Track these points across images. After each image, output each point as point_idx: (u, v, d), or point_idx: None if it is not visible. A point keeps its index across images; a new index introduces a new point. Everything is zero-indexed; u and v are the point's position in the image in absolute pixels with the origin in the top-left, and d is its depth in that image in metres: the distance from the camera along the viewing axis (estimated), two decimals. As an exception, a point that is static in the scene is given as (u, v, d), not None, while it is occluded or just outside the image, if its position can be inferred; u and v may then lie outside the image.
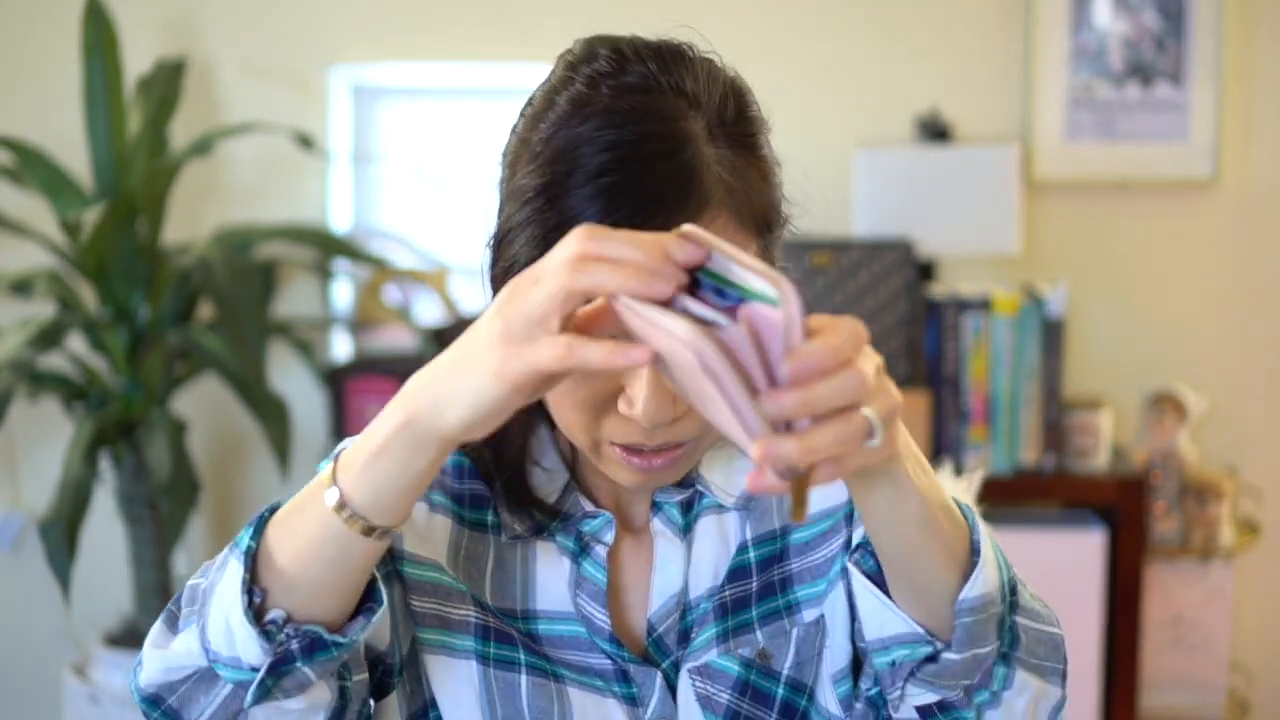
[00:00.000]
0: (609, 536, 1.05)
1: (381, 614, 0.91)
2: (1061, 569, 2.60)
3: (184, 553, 2.91)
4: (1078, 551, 2.63)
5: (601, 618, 1.04)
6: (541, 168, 0.95)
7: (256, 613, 0.87)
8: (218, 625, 0.87)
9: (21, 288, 2.69)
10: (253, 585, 0.87)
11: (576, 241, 0.77)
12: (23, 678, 3.02)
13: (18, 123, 2.83)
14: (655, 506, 1.07)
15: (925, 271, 2.77)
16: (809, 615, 1.06)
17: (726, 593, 1.06)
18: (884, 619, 0.94)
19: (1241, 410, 3.00)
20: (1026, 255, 2.93)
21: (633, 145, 0.93)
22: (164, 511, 2.61)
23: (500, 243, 0.98)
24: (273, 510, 0.90)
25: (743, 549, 1.08)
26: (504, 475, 1.06)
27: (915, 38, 2.98)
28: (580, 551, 1.05)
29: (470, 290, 2.95)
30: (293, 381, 2.92)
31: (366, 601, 0.91)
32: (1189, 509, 2.82)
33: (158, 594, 2.70)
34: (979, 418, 2.68)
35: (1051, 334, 2.68)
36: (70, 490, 2.42)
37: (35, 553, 2.80)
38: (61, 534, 2.38)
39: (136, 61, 2.81)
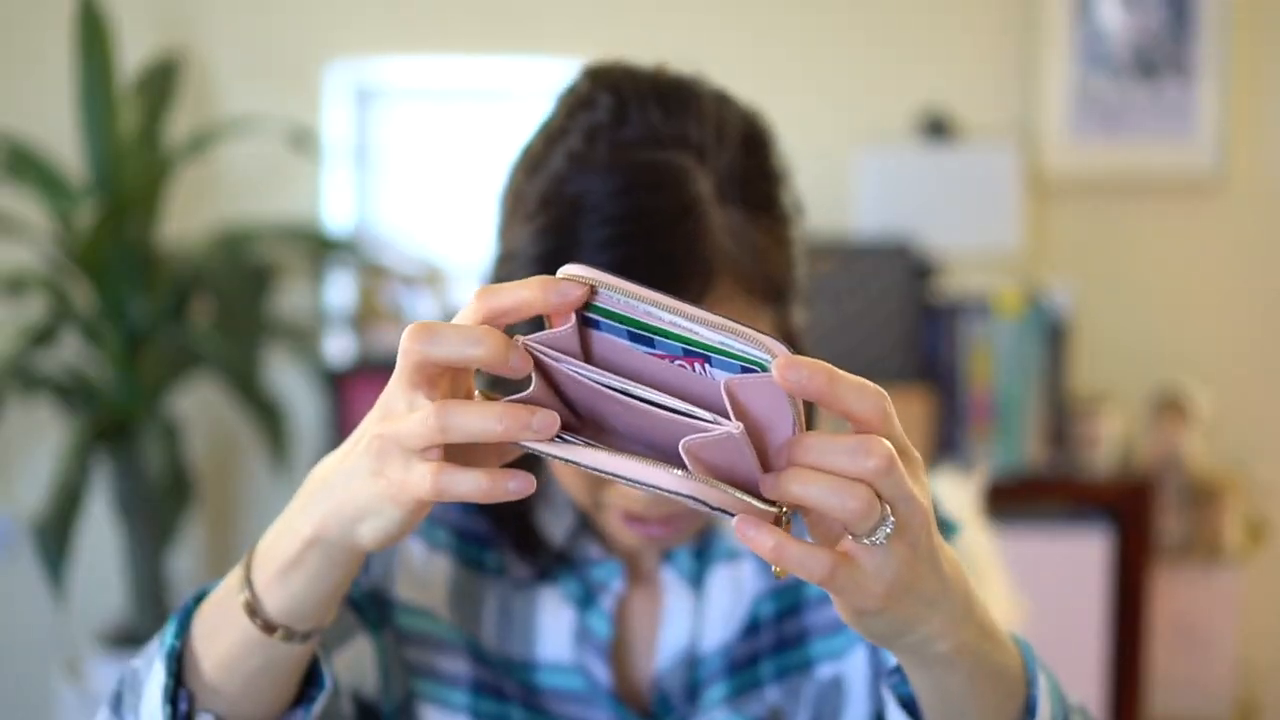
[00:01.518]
0: (617, 585, 1.01)
1: (324, 700, 0.85)
2: (1066, 571, 2.58)
3: (178, 554, 2.89)
4: (1083, 553, 2.61)
5: (602, 673, 0.99)
6: (537, 234, 0.90)
7: (186, 718, 0.81)
8: None
9: (14, 287, 2.67)
10: (178, 689, 0.81)
11: (401, 354, 0.70)
12: (15, 680, 3.00)
13: (11, 119, 2.81)
14: (666, 555, 1.02)
15: (926, 270, 2.74)
16: (825, 673, 1.01)
17: (738, 649, 1.01)
18: None
19: (1249, 409, 2.97)
20: (1030, 253, 2.91)
21: (632, 218, 0.89)
22: (159, 512, 2.60)
23: None
24: (199, 599, 0.84)
25: (759, 600, 1.03)
26: (512, 515, 1.01)
27: (916, 34, 2.96)
28: (586, 600, 1.01)
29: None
30: (289, 382, 2.91)
31: (309, 688, 0.85)
32: (1195, 510, 2.80)
33: (151, 596, 2.68)
34: (980, 418, 2.66)
35: (1056, 333, 2.66)
36: (63, 491, 2.40)
37: (29, 554, 2.78)
38: (54, 535, 2.36)
39: (131, 58, 2.79)
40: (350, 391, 2.75)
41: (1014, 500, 2.64)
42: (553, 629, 1.01)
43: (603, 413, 0.69)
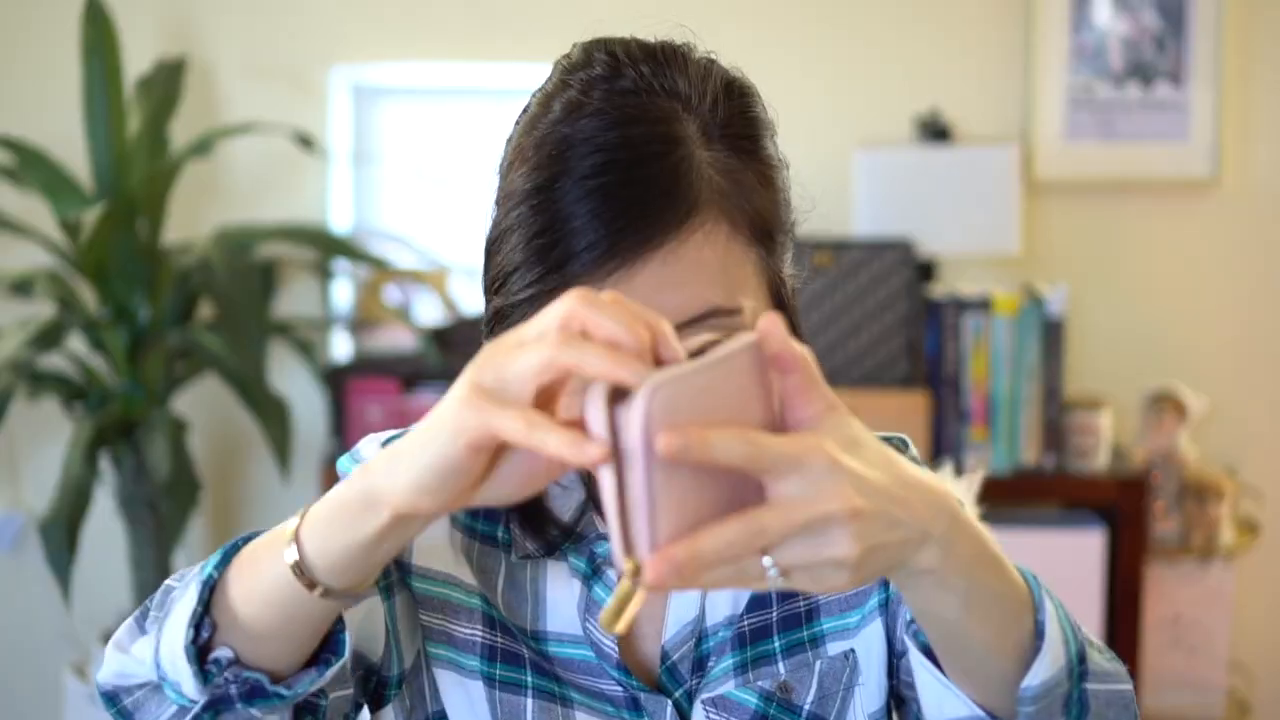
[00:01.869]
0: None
1: (338, 669, 0.87)
2: (1061, 569, 2.60)
3: (184, 553, 2.91)
4: (1077, 552, 2.63)
5: (610, 645, 1.00)
6: (531, 170, 0.93)
7: (203, 648, 0.84)
8: (167, 647, 0.85)
9: (21, 288, 2.68)
10: (204, 617, 0.84)
11: (567, 306, 0.72)
12: (23, 678, 3.02)
13: (17, 123, 2.82)
14: None
15: (925, 271, 2.77)
16: (835, 648, 1.02)
17: (745, 622, 1.02)
18: (942, 698, 0.88)
19: (1242, 410, 2.99)
20: (1026, 255, 2.93)
21: (621, 147, 0.92)
22: (164, 512, 2.61)
23: (491, 248, 0.96)
24: (248, 539, 0.86)
25: None
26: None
27: (915, 38, 2.98)
28: (592, 574, 1.02)
29: (470, 290, 2.95)
30: (293, 381, 2.92)
31: (326, 652, 0.87)
32: (1189, 509, 2.82)
33: (158, 594, 2.70)
34: (979, 418, 2.68)
35: (1051, 334, 2.68)
36: (70, 490, 2.42)
37: (35, 553, 2.80)
38: (61, 534, 2.38)
39: (136, 61, 2.81)
40: (353, 391, 2.77)
41: (1010, 499, 2.66)
42: (560, 602, 1.02)
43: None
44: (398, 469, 0.75)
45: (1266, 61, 2.96)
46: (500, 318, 0.95)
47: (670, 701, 1.00)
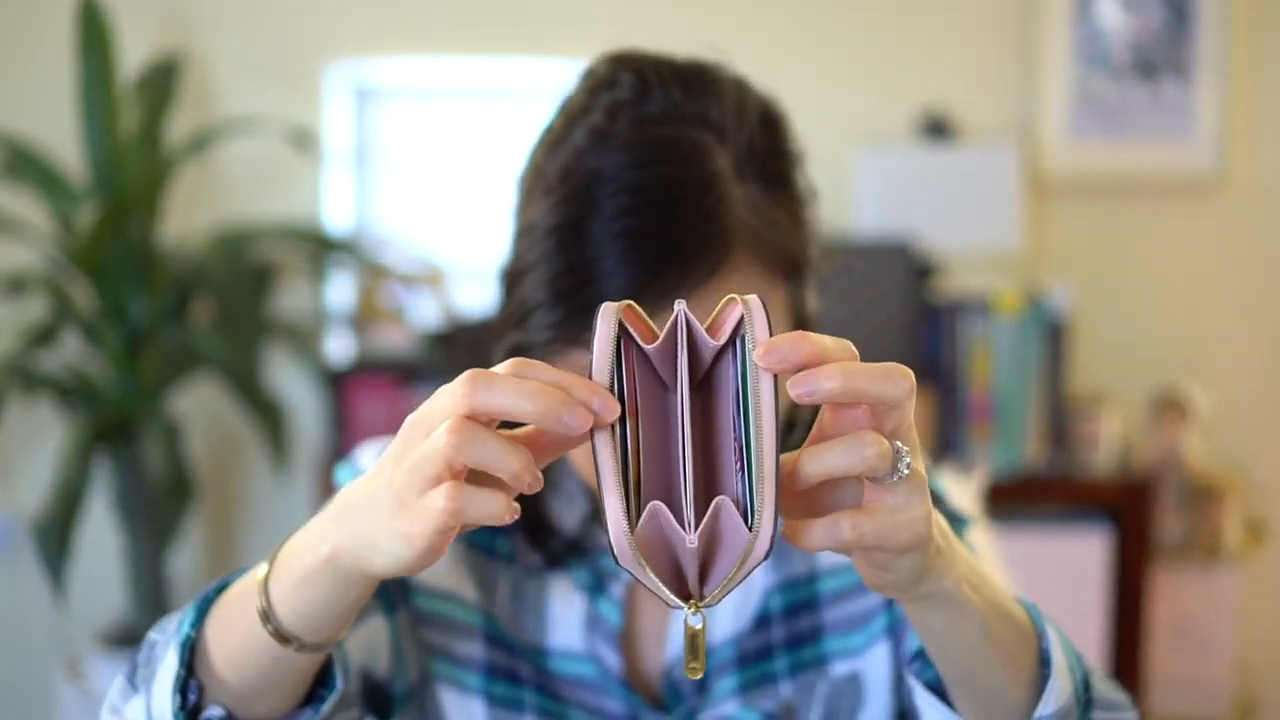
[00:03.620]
0: (627, 574, 1.02)
1: (333, 702, 0.85)
2: (1065, 570, 2.58)
3: (179, 554, 2.90)
4: (1081, 553, 2.62)
5: (614, 661, 1.00)
6: (556, 205, 0.91)
7: (193, 710, 0.82)
8: (158, 707, 0.83)
9: (15, 287, 2.67)
10: (189, 680, 0.82)
11: (458, 394, 0.66)
12: (16, 679, 3.00)
13: (11, 120, 2.81)
14: None
15: (926, 270, 2.75)
16: (840, 670, 1.01)
17: (748, 641, 1.02)
18: None
19: (1248, 409, 2.98)
20: (1029, 254, 2.91)
21: (651, 187, 0.89)
22: (159, 513, 2.60)
23: (512, 281, 0.94)
24: (220, 589, 0.84)
25: (769, 593, 1.03)
26: (523, 504, 1.01)
27: (917, 35, 2.96)
28: (596, 588, 1.01)
29: (468, 291, 2.93)
30: (290, 382, 2.91)
31: (319, 686, 0.86)
32: (1194, 510, 2.80)
33: (152, 595, 2.68)
34: (981, 417, 2.66)
35: (1055, 333, 2.66)
36: (64, 491, 2.40)
37: (29, 554, 2.78)
38: (55, 535, 2.36)
39: (132, 58, 2.79)
40: (350, 391, 2.75)
41: (1013, 500, 2.64)
42: (564, 616, 1.01)
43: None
44: (369, 556, 0.71)
45: (1272, 57, 2.94)
46: (519, 352, 0.93)
47: (672, 718, 0.99)
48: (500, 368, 0.67)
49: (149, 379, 2.67)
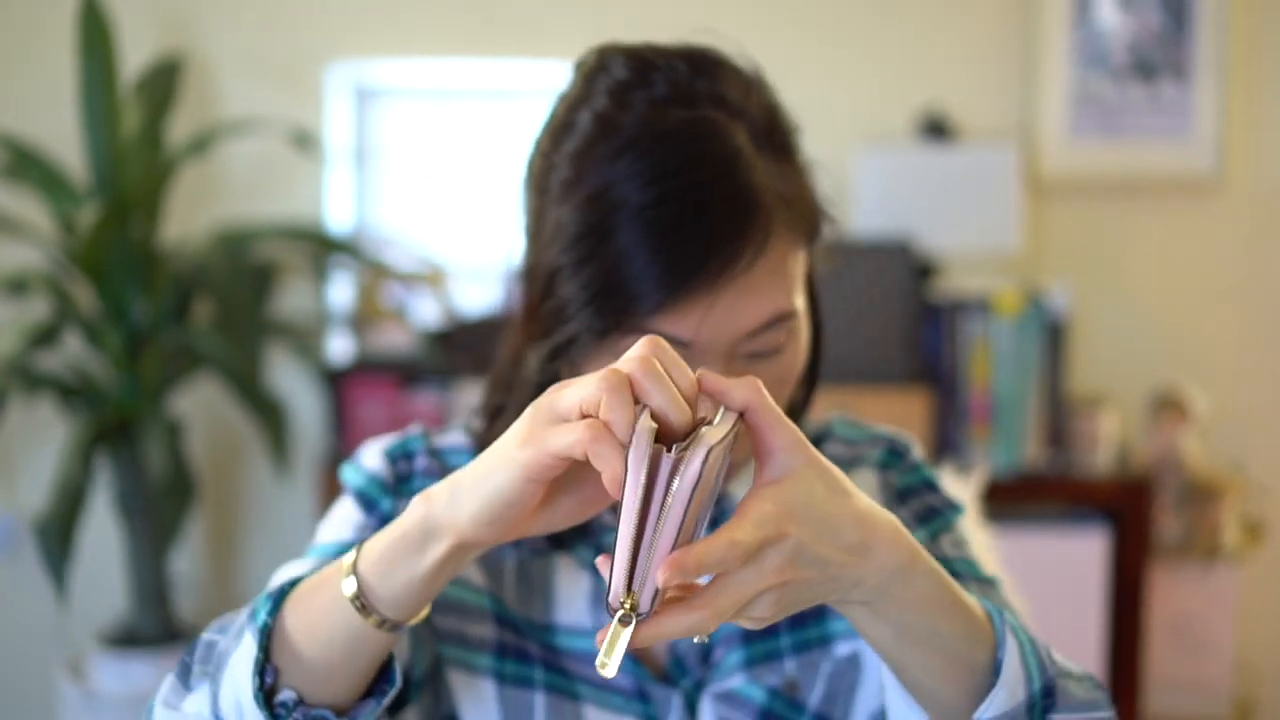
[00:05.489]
0: None
1: (392, 695, 0.89)
2: (1064, 570, 2.59)
3: (180, 553, 2.90)
4: (1081, 552, 2.62)
5: None
6: (582, 205, 0.91)
7: (268, 693, 0.85)
8: (229, 697, 0.86)
9: (17, 287, 2.67)
10: (265, 664, 0.85)
11: (628, 362, 0.74)
12: (18, 678, 3.01)
13: (13, 120, 2.81)
14: None
15: (925, 271, 2.75)
16: (843, 650, 1.04)
17: None
18: (905, 713, 0.88)
19: (1247, 409, 2.98)
20: (1029, 254, 2.92)
21: (678, 173, 0.90)
22: (160, 512, 2.60)
23: (550, 281, 0.94)
24: (294, 584, 0.88)
25: None
26: None
27: (916, 35, 2.96)
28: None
29: (469, 290, 2.94)
30: (290, 381, 2.91)
31: (380, 681, 0.89)
32: (1193, 510, 2.80)
33: (153, 594, 2.69)
34: (980, 417, 2.67)
35: (1054, 333, 2.67)
36: (66, 490, 2.41)
37: (31, 553, 2.79)
38: (57, 534, 2.36)
39: (133, 59, 2.80)
40: (350, 391, 2.76)
41: (1013, 499, 2.64)
42: (570, 593, 1.03)
43: None
44: (459, 501, 0.78)
45: (1271, 58, 2.95)
46: (558, 354, 0.95)
47: (678, 692, 1.01)
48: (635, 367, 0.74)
49: (150, 379, 2.68)
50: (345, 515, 1.04)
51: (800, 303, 0.96)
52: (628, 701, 1.01)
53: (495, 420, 1.04)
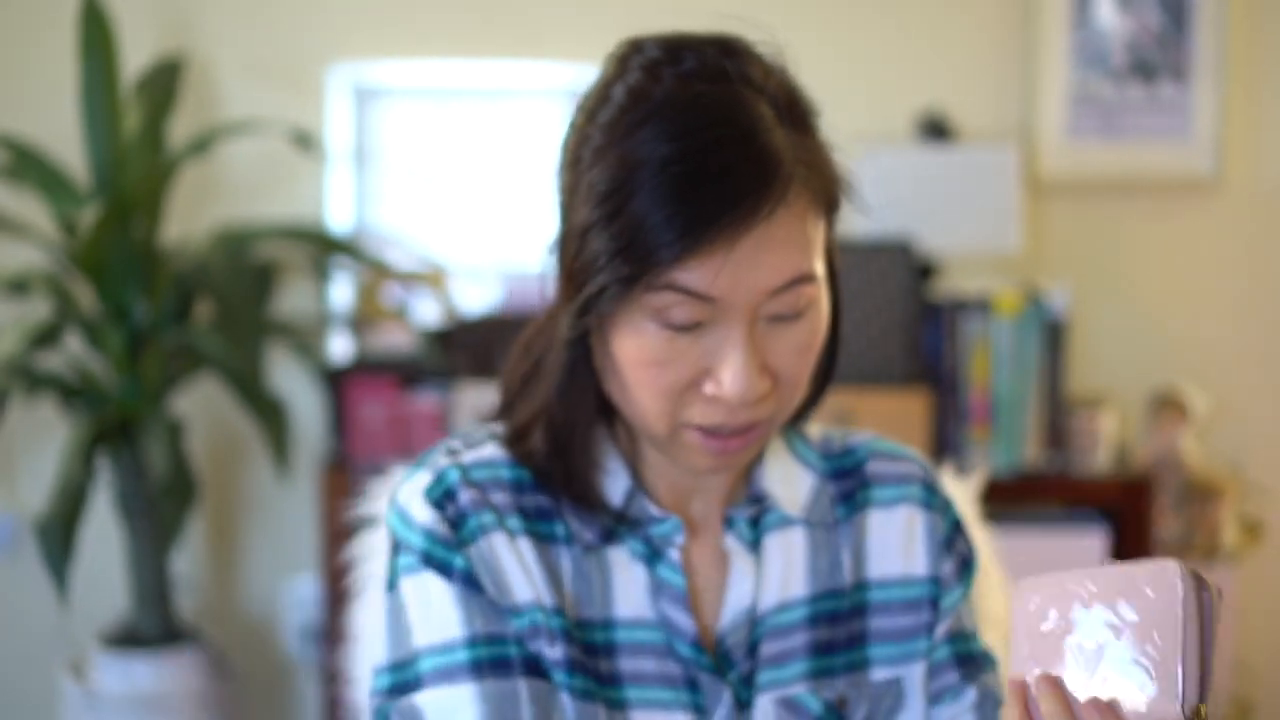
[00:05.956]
0: (680, 540, 1.06)
1: None
2: (1063, 570, 2.59)
3: (181, 553, 2.90)
4: (1080, 552, 2.62)
5: (686, 621, 1.05)
6: (610, 166, 0.95)
7: None
8: None
9: (18, 287, 2.68)
10: None
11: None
12: (19, 679, 3.01)
13: (14, 121, 2.82)
14: (728, 522, 1.08)
15: (925, 271, 2.75)
16: (881, 674, 1.08)
17: (821, 632, 1.08)
18: None
19: (1246, 410, 2.99)
20: (1028, 254, 2.92)
21: (702, 131, 0.94)
22: (161, 512, 2.60)
23: (581, 239, 0.98)
24: None
25: (821, 596, 1.09)
26: (572, 483, 1.06)
27: (916, 36, 2.97)
28: (653, 556, 1.06)
29: (469, 290, 2.94)
30: (291, 381, 2.92)
31: None
32: (1192, 510, 2.81)
33: (154, 594, 2.69)
34: (980, 418, 2.67)
35: (1053, 334, 2.67)
36: (67, 490, 2.41)
37: (32, 553, 2.79)
38: (58, 534, 2.37)
39: (134, 60, 2.80)
40: (351, 391, 2.76)
41: (1012, 499, 2.65)
42: (627, 587, 1.06)
43: None
44: None
45: (1269, 59, 2.95)
46: (588, 308, 0.98)
47: (726, 686, 1.05)
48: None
49: (151, 379, 2.68)
50: (433, 598, 1.04)
51: (820, 270, 0.99)
52: (677, 691, 1.04)
53: (520, 401, 1.08)
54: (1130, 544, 2.64)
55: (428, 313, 2.91)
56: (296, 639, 3.00)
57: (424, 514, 1.05)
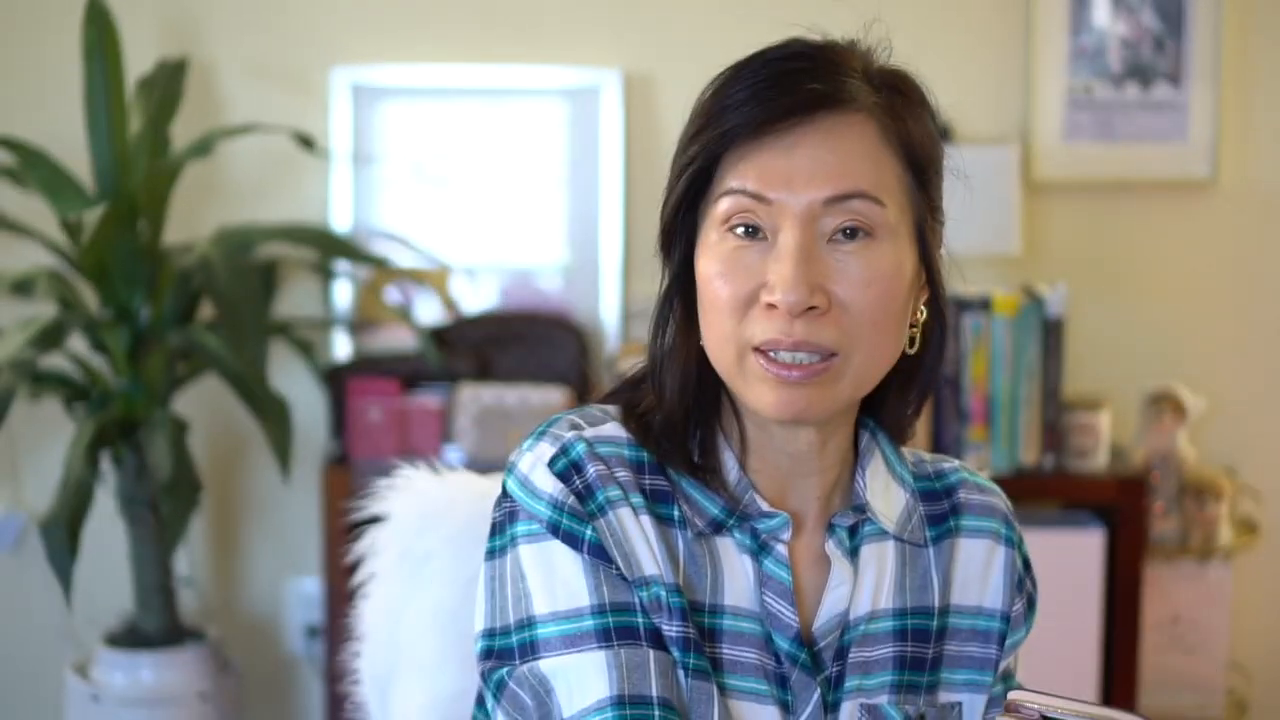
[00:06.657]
0: (786, 536, 1.09)
1: None
2: (1060, 569, 2.60)
3: (184, 552, 2.92)
4: (1076, 551, 2.64)
5: (790, 615, 1.07)
6: (694, 110, 1.05)
7: None
8: None
9: (22, 288, 2.69)
10: None
11: None
12: (24, 677, 3.03)
13: (19, 123, 2.83)
14: (830, 529, 1.10)
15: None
16: (946, 697, 1.12)
17: (907, 647, 1.10)
18: None
19: (1241, 410, 3.00)
20: (1026, 255, 2.94)
21: (788, 59, 1.05)
22: (165, 511, 2.61)
23: (669, 189, 1.07)
24: None
25: (914, 613, 1.12)
26: (692, 464, 1.09)
27: (915, 41, 2.97)
28: (760, 550, 1.08)
29: (471, 291, 2.96)
30: (293, 381, 2.92)
31: None
32: (1188, 509, 2.82)
33: (158, 594, 2.71)
34: (978, 418, 2.69)
35: (1051, 334, 2.69)
36: (71, 490, 2.42)
37: (36, 552, 2.80)
38: (62, 534, 2.38)
39: (138, 62, 2.81)
40: (352, 391, 2.77)
41: (1009, 499, 2.66)
42: (735, 577, 1.08)
43: None
44: None
45: (1265, 62, 2.97)
46: (670, 233, 1.07)
47: (816, 684, 1.07)
48: None
49: (154, 379, 2.70)
50: (557, 566, 1.05)
51: (893, 214, 1.03)
52: (769, 685, 1.06)
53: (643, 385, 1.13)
54: (1127, 543, 2.66)
55: (429, 312, 2.92)
56: (299, 637, 3.01)
57: (549, 484, 1.05)
